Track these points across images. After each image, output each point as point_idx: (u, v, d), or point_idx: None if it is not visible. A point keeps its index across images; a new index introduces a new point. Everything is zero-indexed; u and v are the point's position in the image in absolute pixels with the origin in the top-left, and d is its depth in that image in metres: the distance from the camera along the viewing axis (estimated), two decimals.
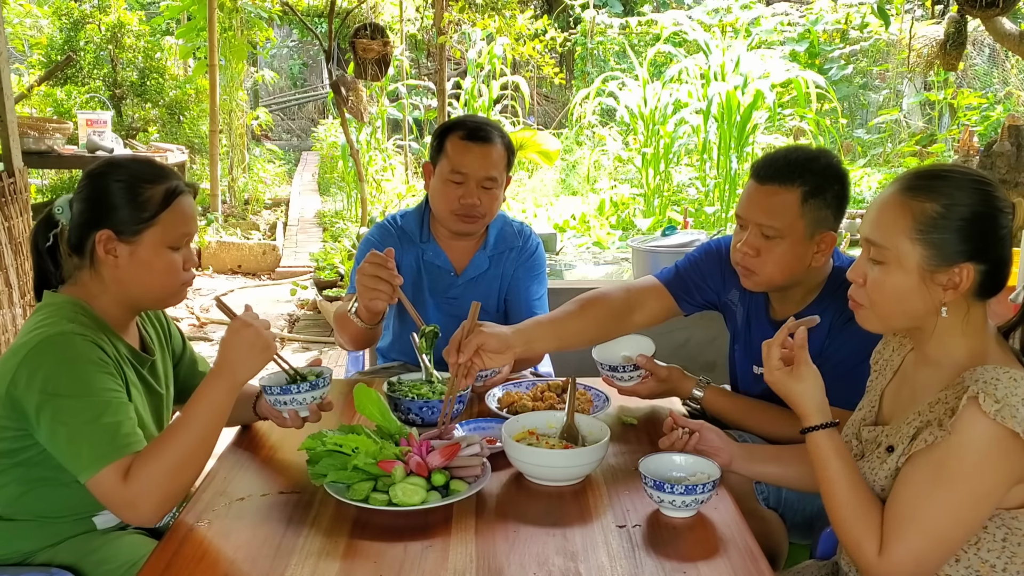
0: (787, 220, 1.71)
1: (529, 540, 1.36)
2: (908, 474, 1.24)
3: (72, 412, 1.41)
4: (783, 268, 1.75)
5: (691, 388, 1.89)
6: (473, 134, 2.16)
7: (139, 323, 1.70)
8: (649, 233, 5.76)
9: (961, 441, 1.18)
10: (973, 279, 1.25)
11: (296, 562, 1.29)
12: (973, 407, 1.17)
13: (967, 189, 1.26)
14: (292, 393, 1.63)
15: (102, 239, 1.52)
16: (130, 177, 1.54)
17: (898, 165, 8.53)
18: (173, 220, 1.56)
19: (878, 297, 1.32)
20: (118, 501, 1.40)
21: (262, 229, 8.42)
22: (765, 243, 1.73)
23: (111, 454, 1.39)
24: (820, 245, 1.74)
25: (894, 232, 1.28)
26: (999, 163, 4.33)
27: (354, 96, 6.18)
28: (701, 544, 1.36)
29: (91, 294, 1.56)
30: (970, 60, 10.13)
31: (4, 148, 3.64)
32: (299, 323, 5.80)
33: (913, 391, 1.36)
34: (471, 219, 2.20)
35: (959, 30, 5.19)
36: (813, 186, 1.70)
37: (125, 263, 1.54)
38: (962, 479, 1.18)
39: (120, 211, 1.52)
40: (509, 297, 2.33)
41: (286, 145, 14.37)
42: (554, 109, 13.74)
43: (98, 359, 1.47)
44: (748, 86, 7.06)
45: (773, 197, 1.72)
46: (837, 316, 1.78)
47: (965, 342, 1.29)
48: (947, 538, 1.20)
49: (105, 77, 7.34)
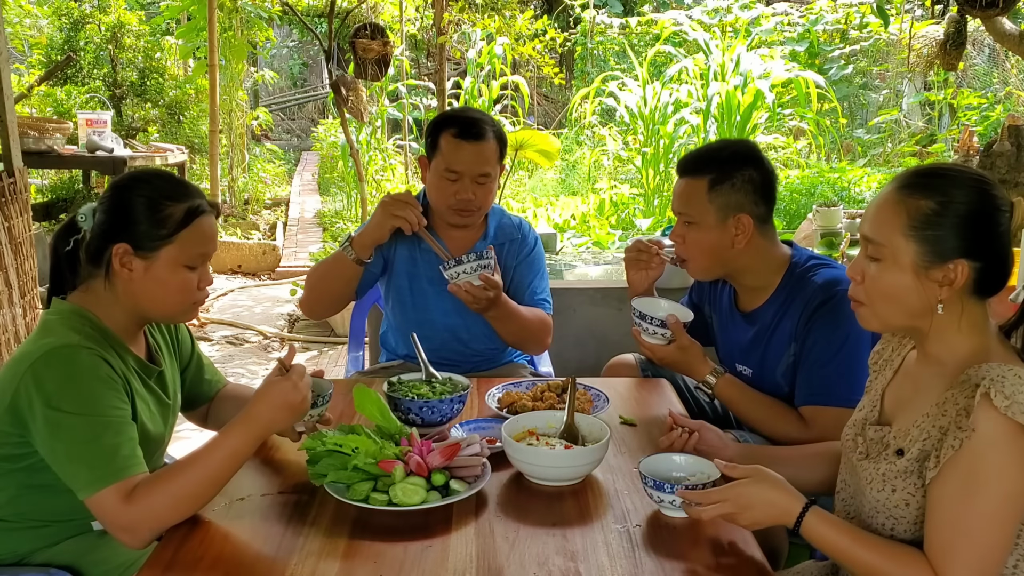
0: (698, 208, 1.89)
1: (529, 540, 1.36)
2: (941, 495, 1.21)
3: (72, 430, 1.40)
4: (706, 252, 1.91)
5: (706, 372, 1.90)
6: (465, 132, 2.18)
7: (147, 332, 1.70)
8: (649, 233, 5.76)
9: (982, 441, 1.17)
10: (968, 276, 1.25)
11: (296, 562, 1.29)
12: (986, 404, 1.16)
13: (964, 187, 1.26)
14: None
15: (119, 252, 1.52)
16: (153, 193, 1.54)
17: (898, 165, 8.53)
18: (191, 239, 1.56)
19: (875, 294, 1.32)
20: (117, 523, 1.39)
21: (262, 229, 8.43)
22: (687, 230, 1.93)
23: (109, 476, 1.38)
24: (737, 227, 1.87)
25: (890, 229, 1.28)
26: (999, 163, 4.33)
27: (354, 96, 6.18)
28: (701, 544, 1.36)
29: (100, 304, 1.56)
30: (970, 60, 10.14)
31: (4, 148, 3.64)
32: (299, 323, 5.80)
33: (915, 389, 1.35)
34: (467, 213, 2.23)
35: (959, 30, 5.18)
36: (717, 174, 1.87)
37: (140, 278, 1.54)
38: (994, 481, 1.17)
39: (139, 226, 1.52)
40: (512, 295, 2.33)
41: (286, 145, 14.38)
42: (554, 109, 13.74)
43: (105, 376, 1.46)
44: (748, 86, 7.06)
45: (686, 188, 1.92)
46: (800, 312, 1.85)
47: (965, 340, 1.28)
48: (998, 543, 1.19)
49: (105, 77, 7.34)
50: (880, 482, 1.32)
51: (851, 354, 1.76)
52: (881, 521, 1.32)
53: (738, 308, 2.02)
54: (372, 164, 8.54)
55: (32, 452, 1.47)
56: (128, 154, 5.86)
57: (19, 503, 1.53)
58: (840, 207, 4.21)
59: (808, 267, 1.90)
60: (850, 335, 1.76)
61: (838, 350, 1.78)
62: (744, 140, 1.99)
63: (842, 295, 1.80)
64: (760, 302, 1.94)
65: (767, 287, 1.93)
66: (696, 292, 2.24)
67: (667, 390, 2.08)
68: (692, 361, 1.90)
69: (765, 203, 1.90)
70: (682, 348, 1.89)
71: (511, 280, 2.34)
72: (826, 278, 1.84)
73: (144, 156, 6.12)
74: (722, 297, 2.09)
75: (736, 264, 1.93)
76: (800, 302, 1.85)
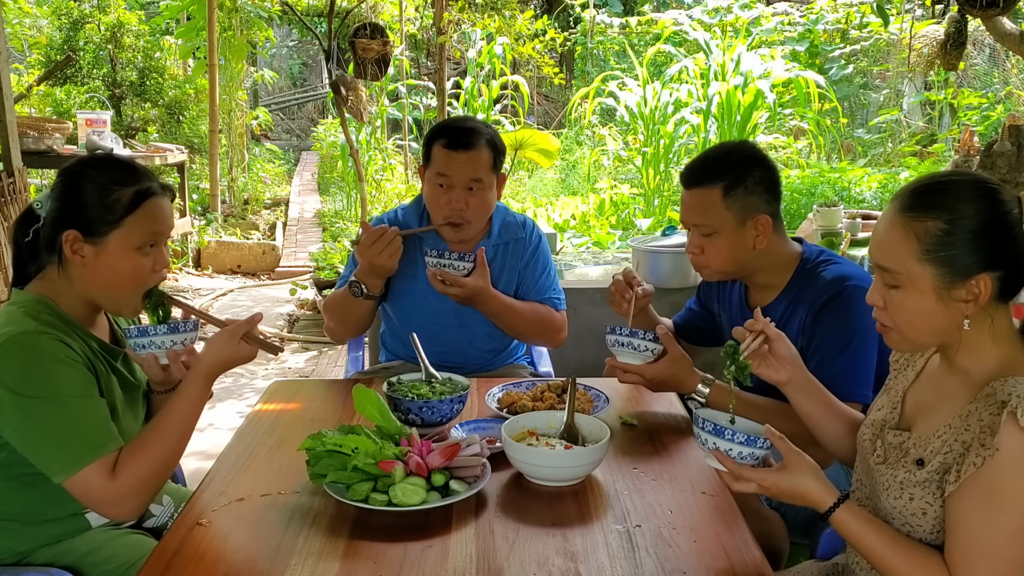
0: (715, 216, 1.86)
1: (529, 540, 1.36)
2: (961, 510, 1.20)
3: (42, 414, 1.40)
4: (728, 257, 1.89)
5: (697, 383, 1.86)
6: (455, 142, 2.19)
7: (108, 315, 1.69)
8: (649, 233, 5.76)
9: (1006, 460, 1.15)
10: (992, 288, 1.23)
11: (296, 562, 1.29)
12: (1012, 423, 1.15)
13: (969, 200, 1.23)
14: (150, 335, 1.55)
15: (69, 239, 1.50)
16: (102, 178, 1.53)
17: (898, 165, 8.52)
18: (140, 222, 1.54)
19: (901, 320, 1.29)
20: (104, 499, 1.41)
21: (261, 229, 8.43)
22: (705, 241, 1.89)
23: (88, 454, 1.40)
24: (757, 228, 1.86)
25: (901, 256, 1.25)
26: (999, 163, 4.32)
27: (354, 96, 6.18)
28: (701, 544, 1.36)
29: (57, 291, 1.55)
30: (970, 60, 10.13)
31: (4, 148, 3.64)
32: (299, 323, 5.80)
33: (939, 396, 1.33)
34: (458, 225, 2.22)
35: (959, 30, 5.17)
36: (731, 180, 1.85)
37: (91, 264, 1.52)
38: (1017, 499, 1.15)
39: (88, 212, 1.51)
40: (521, 294, 2.34)
41: (286, 145, 14.38)
42: (554, 109, 13.74)
43: (66, 357, 1.45)
44: (748, 86, 7.06)
45: (699, 199, 1.88)
46: (808, 307, 1.84)
47: (995, 349, 1.26)
48: (1018, 560, 1.17)
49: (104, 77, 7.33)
50: (898, 489, 1.30)
51: (859, 349, 1.76)
52: (897, 526, 1.31)
53: (748, 305, 2.01)
54: (372, 164, 8.54)
55: (3, 445, 1.46)
56: (128, 154, 5.86)
57: (3, 500, 1.52)
58: (840, 207, 4.20)
59: (818, 263, 1.90)
60: (858, 330, 1.76)
61: (846, 345, 1.77)
62: (745, 141, 1.98)
63: (850, 290, 1.80)
64: (771, 298, 1.94)
65: (778, 284, 1.93)
66: (704, 292, 2.24)
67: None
68: (684, 375, 1.85)
69: (775, 201, 1.91)
70: (675, 361, 1.85)
71: (519, 280, 2.34)
72: (834, 274, 1.84)
73: (143, 156, 6.12)
74: (732, 295, 2.08)
75: (754, 264, 1.92)
76: (808, 298, 1.85)
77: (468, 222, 2.22)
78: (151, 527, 1.72)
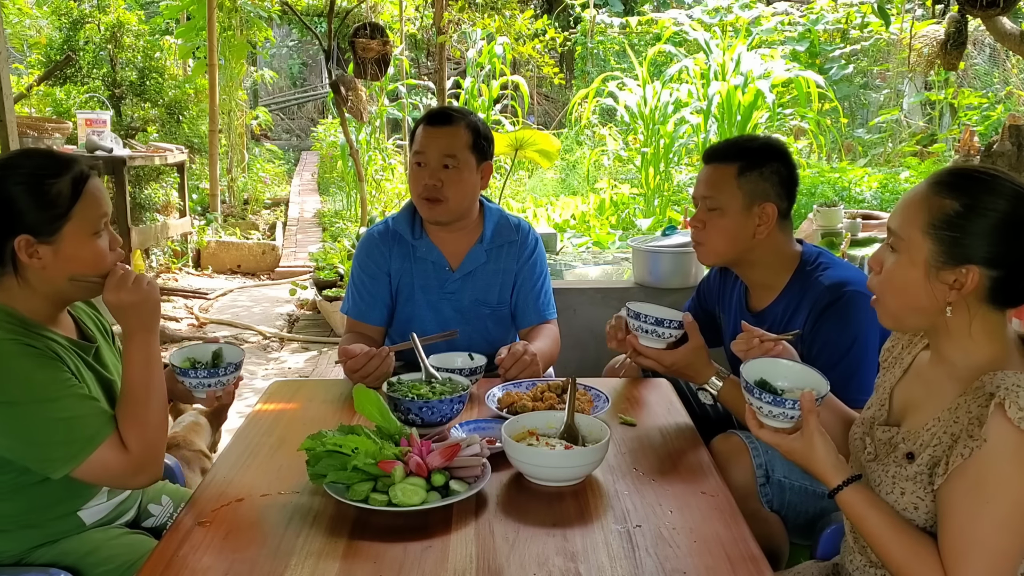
0: (726, 193, 1.90)
1: (529, 540, 1.36)
2: (951, 502, 1.21)
3: (29, 417, 1.40)
4: (727, 238, 1.92)
5: (711, 375, 1.81)
6: (434, 119, 2.25)
7: (71, 312, 1.66)
8: (649, 233, 5.76)
9: (994, 451, 1.16)
10: (979, 283, 1.23)
11: (296, 562, 1.29)
12: (999, 414, 1.15)
13: (998, 195, 1.23)
14: (189, 377, 1.68)
15: (22, 245, 1.45)
16: (30, 176, 1.46)
17: (899, 165, 8.51)
18: (87, 207, 1.49)
19: (886, 286, 1.32)
20: (126, 471, 1.45)
21: (261, 229, 8.43)
22: (710, 216, 1.93)
23: (97, 437, 1.42)
24: (761, 217, 1.89)
25: (911, 223, 1.28)
26: (999, 163, 4.32)
27: (354, 96, 6.18)
28: (701, 545, 1.35)
29: (17, 298, 1.50)
30: (971, 60, 10.13)
31: (3, 148, 3.63)
32: (299, 323, 5.80)
33: (927, 391, 1.34)
34: (433, 201, 2.21)
35: (960, 30, 5.17)
36: (748, 161, 1.90)
37: (52, 263, 1.48)
38: (1004, 490, 1.16)
39: (30, 214, 1.44)
40: (517, 300, 2.33)
41: (285, 145, 14.39)
42: (554, 109, 13.75)
43: (36, 355, 1.44)
44: (748, 85, 7.06)
45: (714, 174, 1.94)
46: (807, 313, 1.84)
47: (978, 346, 1.27)
48: (1008, 551, 1.18)
49: (104, 77, 7.32)
50: (889, 484, 1.32)
51: (859, 355, 1.76)
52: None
53: (748, 307, 2.02)
54: (372, 164, 8.54)
55: None
56: (127, 153, 5.86)
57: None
58: (840, 207, 4.21)
59: (816, 266, 1.90)
60: (858, 337, 1.76)
61: (846, 352, 1.77)
62: (774, 136, 2.03)
63: (849, 296, 1.80)
64: (769, 300, 1.94)
65: (777, 285, 1.94)
66: (703, 294, 2.23)
67: (667, 390, 2.07)
68: (700, 364, 1.81)
69: (788, 199, 1.94)
70: (695, 349, 1.80)
71: (515, 286, 2.34)
72: (832, 279, 1.84)
73: (143, 156, 6.12)
74: (732, 297, 2.08)
75: (750, 255, 1.93)
76: (807, 303, 1.85)
77: (444, 199, 2.21)
78: (151, 527, 1.72)
